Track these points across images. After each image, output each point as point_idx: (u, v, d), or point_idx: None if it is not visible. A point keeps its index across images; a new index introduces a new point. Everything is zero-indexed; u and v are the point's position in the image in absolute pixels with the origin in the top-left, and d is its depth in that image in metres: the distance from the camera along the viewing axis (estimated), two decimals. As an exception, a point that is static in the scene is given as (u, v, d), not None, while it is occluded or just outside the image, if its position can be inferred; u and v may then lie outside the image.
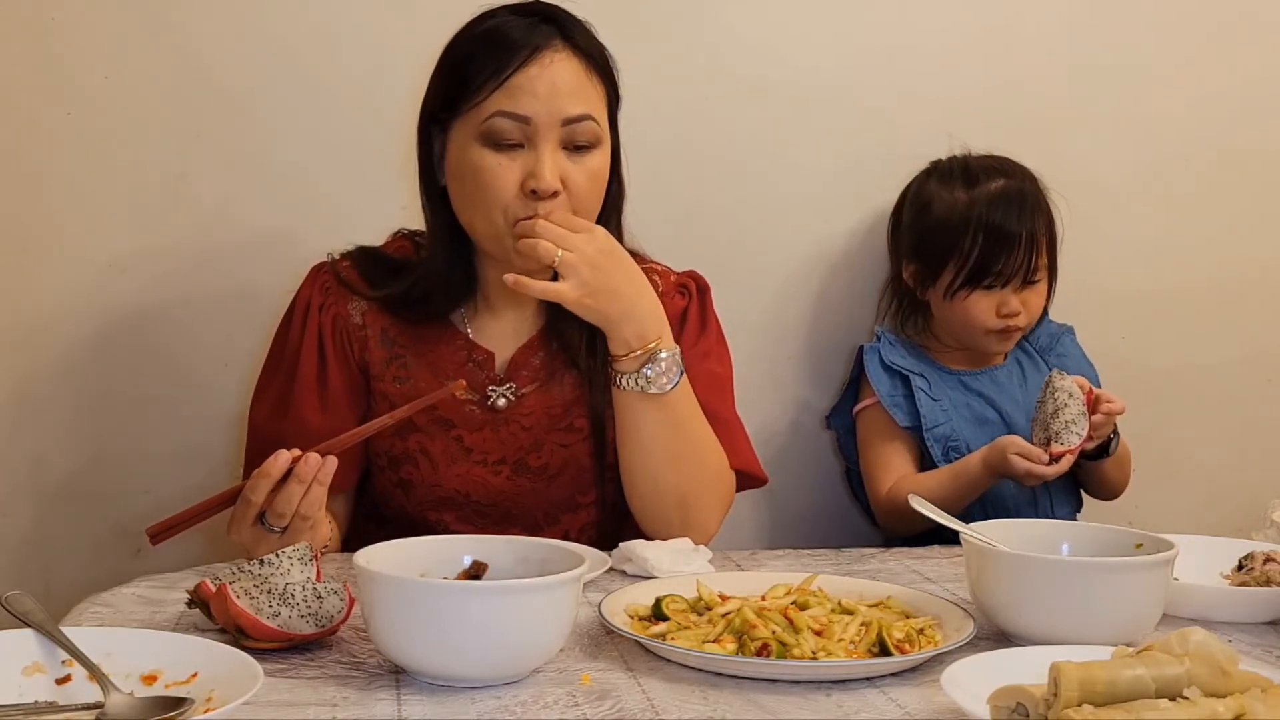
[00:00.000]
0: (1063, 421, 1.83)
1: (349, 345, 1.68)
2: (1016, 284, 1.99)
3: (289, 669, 1.18)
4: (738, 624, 1.23)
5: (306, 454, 1.39)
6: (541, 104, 1.56)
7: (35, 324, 2.05)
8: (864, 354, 2.08)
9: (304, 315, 1.69)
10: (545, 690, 1.14)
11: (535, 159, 1.56)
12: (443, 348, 1.69)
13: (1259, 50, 2.34)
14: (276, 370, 1.70)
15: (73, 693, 1.08)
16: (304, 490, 1.38)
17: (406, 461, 1.68)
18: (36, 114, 2.02)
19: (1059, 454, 1.83)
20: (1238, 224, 2.35)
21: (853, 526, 2.23)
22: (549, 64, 1.57)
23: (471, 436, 1.67)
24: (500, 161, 1.57)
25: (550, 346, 1.70)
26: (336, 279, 1.70)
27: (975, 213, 1.99)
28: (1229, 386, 2.38)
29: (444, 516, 1.68)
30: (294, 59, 2.06)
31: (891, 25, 2.22)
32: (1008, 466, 1.85)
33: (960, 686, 1.07)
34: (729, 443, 1.70)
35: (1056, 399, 1.85)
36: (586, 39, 1.62)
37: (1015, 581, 1.28)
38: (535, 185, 1.55)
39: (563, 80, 1.57)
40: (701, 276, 1.80)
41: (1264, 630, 1.38)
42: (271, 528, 1.40)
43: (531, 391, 1.69)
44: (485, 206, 1.58)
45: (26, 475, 2.07)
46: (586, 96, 1.59)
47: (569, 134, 1.57)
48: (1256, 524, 1.69)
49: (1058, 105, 2.27)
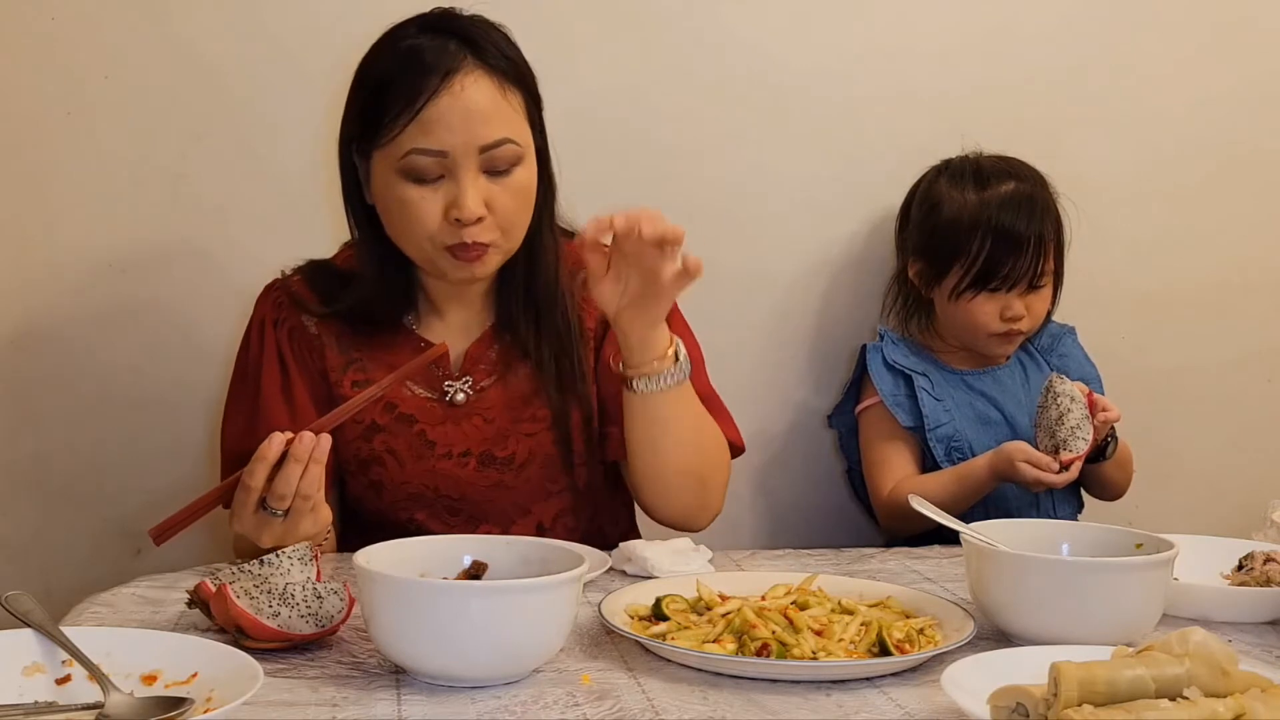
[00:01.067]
0: (1068, 428, 1.83)
1: (308, 355, 1.69)
2: (1022, 288, 1.99)
3: (289, 669, 1.18)
4: (738, 624, 1.23)
5: (301, 433, 1.39)
6: (457, 136, 1.55)
7: (35, 324, 2.05)
8: (866, 353, 2.08)
9: (260, 333, 1.70)
10: (545, 690, 1.14)
11: (457, 189, 1.56)
12: (398, 349, 1.70)
13: (1259, 50, 2.34)
14: (242, 390, 1.71)
15: (73, 693, 1.08)
16: (302, 469, 1.38)
17: (374, 463, 1.69)
18: (36, 114, 2.02)
19: (1069, 461, 1.83)
20: (1238, 224, 2.35)
21: (853, 526, 2.23)
22: (460, 92, 1.55)
23: (434, 431, 1.68)
24: (423, 195, 1.57)
25: (503, 339, 1.71)
26: (289, 296, 1.71)
27: (985, 215, 1.98)
28: (1229, 386, 2.38)
29: (416, 515, 1.69)
30: (294, 59, 2.06)
31: (893, 25, 2.22)
32: (1016, 474, 1.85)
33: (960, 686, 1.07)
34: (716, 417, 1.71)
35: (1060, 404, 1.84)
36: (498, 55, 1.60)
37: (1015, 581, 1.28)
38: (458, 215, 1.56)
39: (476, 107, 1.56)
40: None
41: (1264, 630, 1.38)
42: (274, 511, 1.40)
43: (491, 385, 1.70)
44: (413, 236, 1.60)
45: (27, 475, 2.07)
46: (503, 117, 1.58)
47: (488, 160, 1.57)
48: (1256, 524, 1.69)
49: (1058, 105, 2.27)
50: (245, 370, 1.71)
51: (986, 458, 1.90)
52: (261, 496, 1.40)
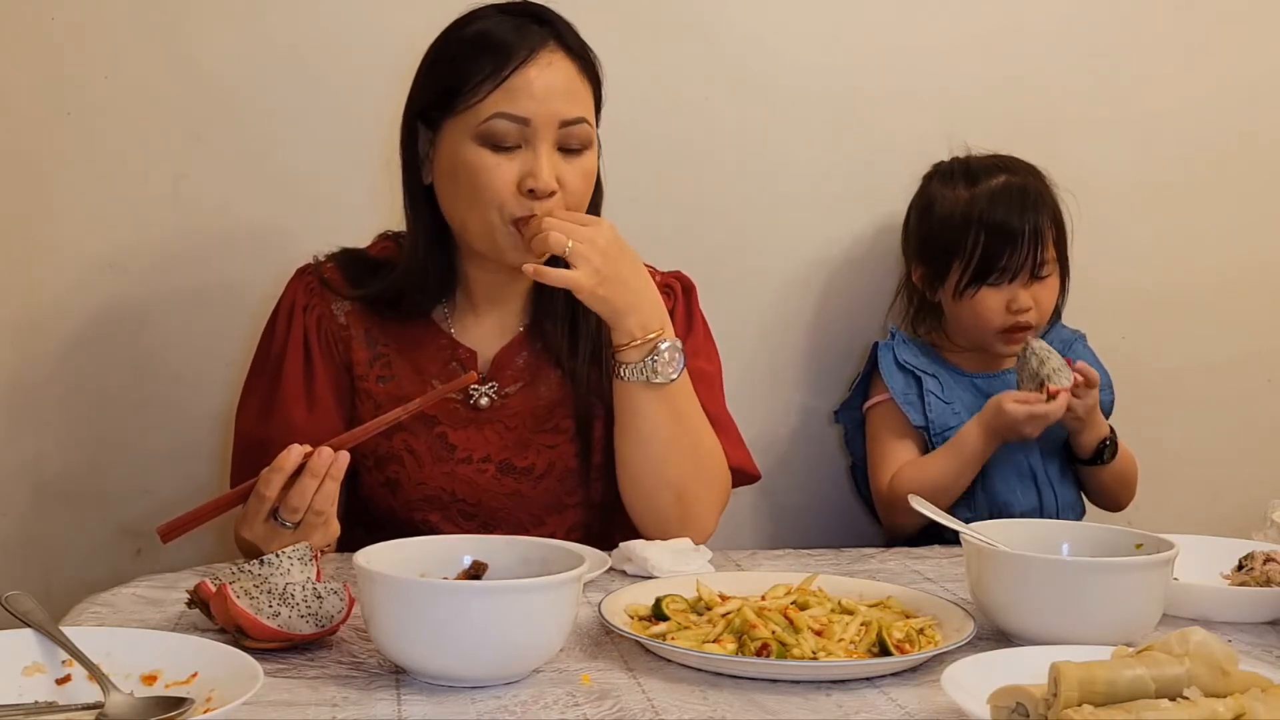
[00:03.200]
0: (1050, 369, 1.88)
1: (334, 346, 1.69)
2: (1024, 279, 1.99)
3: (289, 669, 1.18)
4: (738, 624, 1.23)
5: (319, 448, 1.40)
6: (540, 105, 1.57)
7: (35, 324, 2.05)
8: (878, 350, 2.08)
9: (289, 317, 1.70)
10: (545, 690, 1.14)
11: (533, 158, 1.57)
12: (426, 347, 1.69)
13: (1259, 50, 2.34)
14: (261, 373, 1.70)
15: (73, 693, 1.08)
16: (317, 485, 1.39)
17: (392, 461, 1.68)
18: (36, 114, 2.02)
19: (1055, 391, 1.86)
20: (1238, 223, 2.35)
21: (854, 526, 2.23)
22: (546, 65, 1.59)
23: (455, 434, 1.68)
24: (498, 162, 1.58)
25: (534, 346, 1.71)
26: (320, 281, 1.70)
27: (976, 210, 2.00)
28: (1229, 386, 2.37)
29: (430, 516, 1.69)
30: (293, 59, 2.06)
31: (894, 24, 2.22)
32: (1006, 417, 1.88)
33: (960, 686, 1.07)
34: (723, 439, 1.70)
35: (1037, 354, 1.90)
36: (576, 41, 1.64)
37: (1015, 581, 1.28)
38: (534, 185, 1.56)
39: (559, 83, 1.59)
40: (687, 276, 1.81)
41: (1264, 630, 1.38)
42: (284, 523, 1.40)
43: (516, 391, 1.70)
44: (481, 205, 1.59)
45: (26, 475, 2.07)
46: (580, 99, 1.61)
47: (564, 136, 1.59)
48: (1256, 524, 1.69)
49: (1058, 105, 2.27)
50: (267, 353, 1.70)
51: (974, 419, 1.93)
52: (274, 506, 1.40)
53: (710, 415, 1.69)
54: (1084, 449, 1.98)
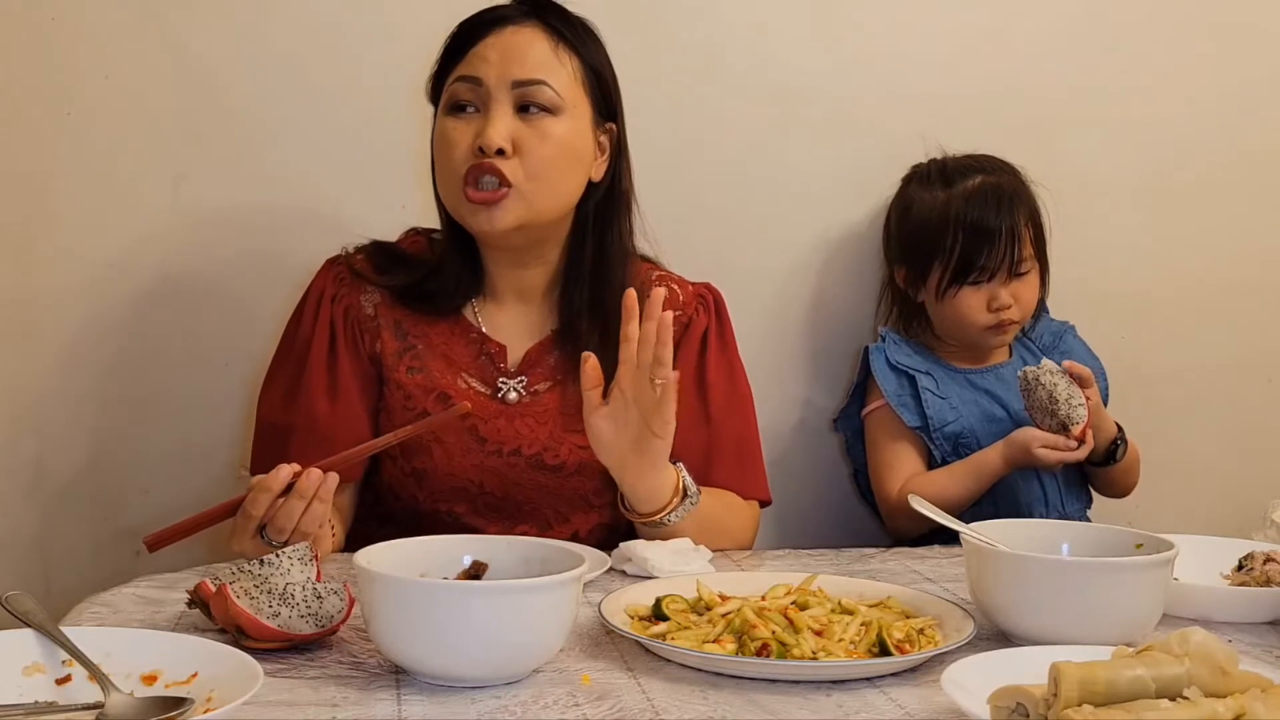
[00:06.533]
0: (1063, 402, 1.87)
1: (360, 336, 1.69)
2: (1004, 277, 2.00)
3: (289, 669, 1.18)
4: (738, 624, 1.23)
5: (308, 469, 1.39)
6: (493, 68, 1.61)
7: (35, 324, 2.05)
8: (869, 355, 2.08)
9: (316, 306, 1.70)
10: (545, 690, 1.14)
11: (485, 120, 1.60)
12: (455, 340, 1.70)
13: (1258, 51, 2.34)
14: (286, 361, 1.70)
15: (73, 693, 1.08)
16: (305, 505, 1.39)
17: (421, 452, 1.68)
18: (36, 114, 2.02)
19: (1082, 435, 1.87)
20: (1237, 223, 2.35)
21: (856, 528, 2.23)
22: (512, 34, 1.63)
23: (485, 427, 1.68)
24: (456, 125, 1.62)
25: (565, 348, 1.71)
26: (350, 270, 1.71)
27: (953, 210, 2.01)
28: (1229, 386, 2.37)
29: (455, 508, 1.68)
30: (293, 60, 2.06)
31: (890, 26, 2.22)
32: (1036, 461, 1.89)
33: (960, 686, 1.07)
34: (749, 469, 1.73)
35: (1044, 385, 1.88)
36: (563, 22, 1.65)
37: (1015, 581, 1.28)
38: (481, 142, 1.59)
39: (518, 47, 1.62)
40: (716, 289, 1.82)
41: (1264, 630, 1.38)
42: (271, 542, 1.40)
43: (546, 390, 1.70)
44: (447, 173, 1.63)
45: (27, 476, 2.07)
46: (545, 64, 1.63)
47: (520, 96, 1.61)
48: (1256, 524, 1.70)
49: (1057, 105, 2.27)
50: (293, 341, 1.71)
51: (998, 448, 1.93)
52: (262, 525, 1.40)
53: (743, 439, 1.71)
54: (1096, 453, 1.97)
